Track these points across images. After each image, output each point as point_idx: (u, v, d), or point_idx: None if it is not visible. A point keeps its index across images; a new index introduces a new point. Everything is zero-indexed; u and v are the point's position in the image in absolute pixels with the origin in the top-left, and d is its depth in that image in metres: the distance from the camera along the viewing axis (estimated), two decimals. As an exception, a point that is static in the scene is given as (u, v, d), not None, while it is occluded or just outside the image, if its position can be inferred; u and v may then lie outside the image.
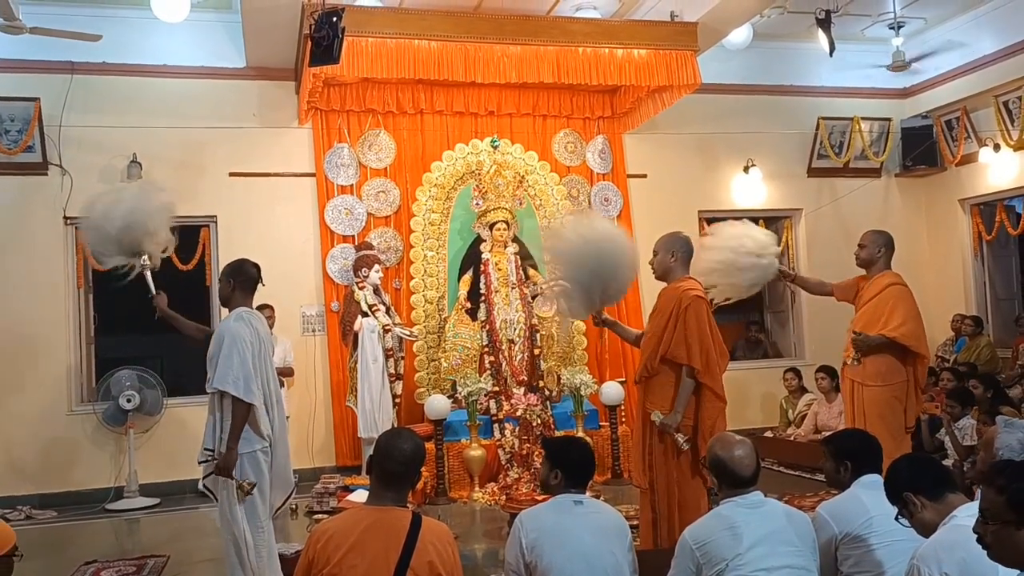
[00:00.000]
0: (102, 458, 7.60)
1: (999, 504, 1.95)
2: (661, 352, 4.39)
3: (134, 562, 5.43)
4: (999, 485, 1.98)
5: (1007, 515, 1.92)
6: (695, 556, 2.88)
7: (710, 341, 4.34)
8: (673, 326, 4.35)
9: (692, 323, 4.32)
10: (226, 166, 8.08)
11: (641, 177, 9.18)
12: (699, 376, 4.30)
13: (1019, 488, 1.93)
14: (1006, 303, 9.85)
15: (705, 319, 4.35)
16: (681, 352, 4.33)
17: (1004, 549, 1.97)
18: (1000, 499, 1.95)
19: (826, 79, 9.70)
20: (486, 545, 5.65)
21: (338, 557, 2.62)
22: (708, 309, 4.40)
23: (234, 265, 4.46)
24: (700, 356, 4.30)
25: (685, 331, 4.32)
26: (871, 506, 3.07)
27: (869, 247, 5.20)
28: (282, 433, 4.45)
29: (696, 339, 4.30)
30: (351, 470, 7.44)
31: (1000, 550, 1.98)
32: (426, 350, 7.81)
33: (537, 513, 3.19)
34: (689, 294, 4.38)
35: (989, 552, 2.01)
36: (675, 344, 4.35)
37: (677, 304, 4.38)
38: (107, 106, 7.76)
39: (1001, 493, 1.95)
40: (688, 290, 4.41)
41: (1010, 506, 1.93)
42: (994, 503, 1.97)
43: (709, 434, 4.26)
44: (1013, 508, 1.92)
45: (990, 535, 1.99)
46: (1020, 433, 2.82)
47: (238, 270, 4.39)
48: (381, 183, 8.34)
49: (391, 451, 2.76)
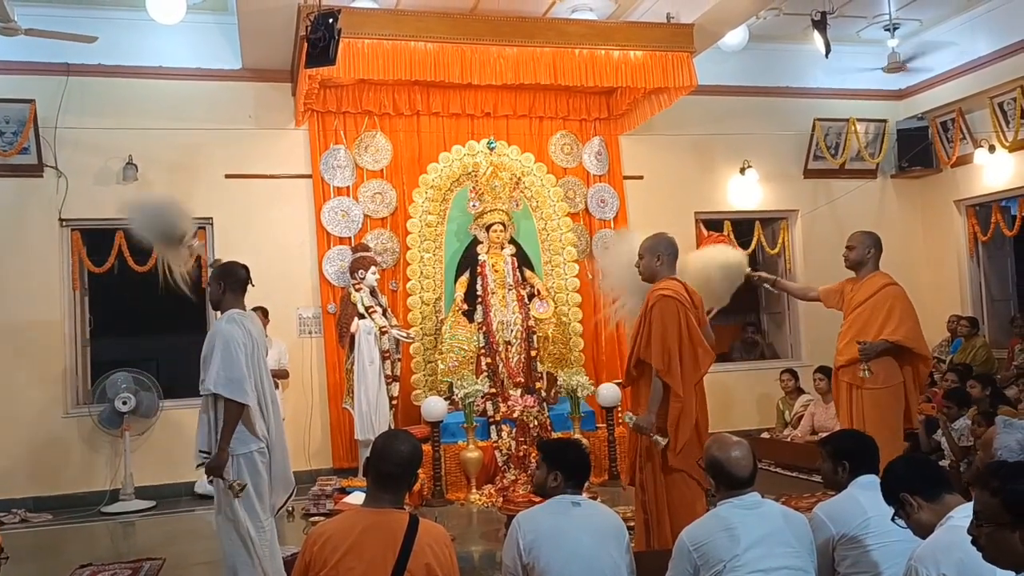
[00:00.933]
0: (98, 461, 7.58)
1: (993, 506, 1.93)
2: (636, 355, 4.41)
3: (129, 565, 5.42)
4: (993, 487, 1.96)
5: (1001, 517, 1.91)
6: (692, 557, 2.87)
7: (674, 340, 4.28)
8: (643, 327, 4.37)
9: (656, 322, 4.30)
10: (222, 168, 8.07)
11: (638, 179, 9.19)
12: (659, 375, 4.27)
13: (1013, 490, 1.92)
14: (1001, 304, 9.87)
15: (672, 318, 4.29)
16: (648, 352, 4.33)
17: (998, 551, 1.96)
18: (994, 501, 1.94)
19: (822, 80, 9.71)
20: (483, 547, 5.64)
21: (335, 559, 2.61)
22: (678, 308, 4.31)
23: (224, 268, 4.46)
24: (661, 355, 4.27)
25: (649, 331, 4.32)
26: (868, 507, 3.07)
27: (858, 248, 5.18)
28: (279, 434, 4.46)
29: (658, 338, 4.27)
30: (348, 472, 7.42)
31: (994, 552, 1.97)
32: (423, 352, 7.81)
33: (534, 515, 3.18)
34: (655, 293, 4.37)
35: (983, 554, 2.00)
36: (643, 345, 4.36)
37: (646, 305, 4.39)
38: (103, 108, 7.75)
39: (995, 495, 1.94)
40: (656, 290, 4.40)
41: (1004, 508, 1.92)
42: (988, 505, 1.95)
43: (673, 432, 4.26)
44: (1007, 510, 1.91)
45: (984, 537, 1.98)
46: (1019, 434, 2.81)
47: (227, 272, 4.39)
48: (378, 185, 8.33)
49: (388, 453, 2.76)
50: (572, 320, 8.16)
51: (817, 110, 9.67)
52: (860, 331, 5.03)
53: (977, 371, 7.70)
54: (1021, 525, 1.88)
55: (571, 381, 7.34)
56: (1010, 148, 8.82)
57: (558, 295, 8.16)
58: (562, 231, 8.24)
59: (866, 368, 4.89)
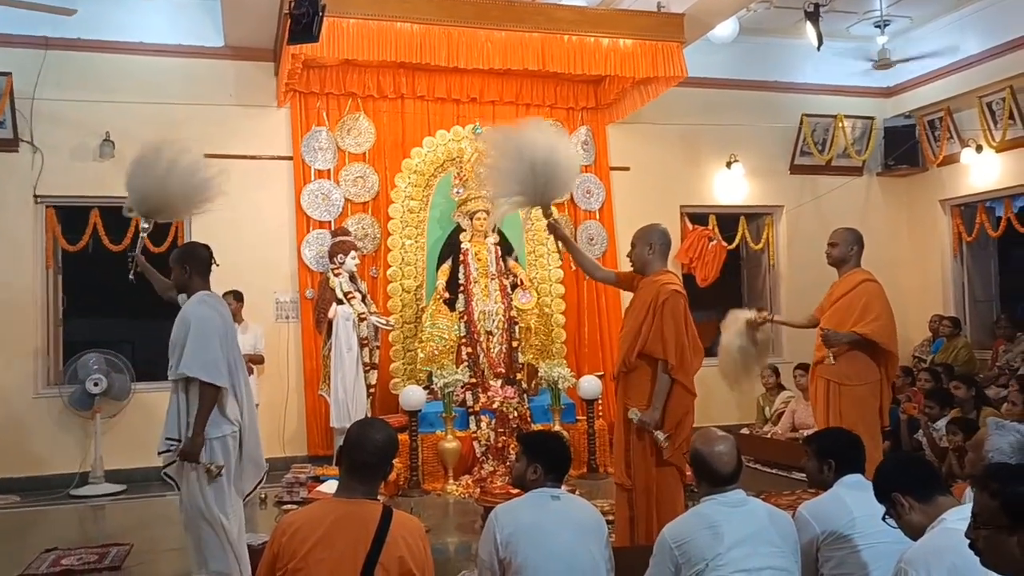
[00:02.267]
0: (68, 443, 7.43)
1: (992, 508, 1.89)
2: (639, 347, 4.34)
3: (96, 550, 5.29)
4: (992, 489, 1.92)
5: (999, 520, 1.87)
6: (674, 555, 2.80)
7: (685, 337, 4.30)
8: (651, 321, 4.31)
9: (668, 318, 4.28)
10: (201, 147, 7.82)
11: (624, 170, 9.11)
12: (672, 371, 4.26)
13: (1013, 492, 1.87)
14: (983, 304, 9.89)
15: (682, 314, 4.31)
16: (657, 347, 4.29)
17: (996, 555, 1.91)
18: (993, 503, 1.89)
19: (811, 76, 9.67)
20: (459, 539, 5.57)
21: (304, 551, 2.53)
22: (685, 304, 4.36)
23: (184, 250, 4.37)
24: (675, 351, 4.26)
25: (662, 326, 4.28)
26: (854, 506, 3.01)
27: (841, 245, 5.15)
28: (252, 418, 4.37)
29: (672, 334, 4.27)
30: (323, 460, 7.31)
31: (992, 556, 1.92)
32: (402, 340, 7.70)
33: (513, 508, 3.10)
34: (667, 288, 4.33)
35: (981, 558, 1.94)
36: (652, 339, 4.31)
37: (655, 298, 4.33)
38: (81, 83, 7.57)
39: (994, 497, 1.89)
40: (666, 284, 4.36)
41: (1003, 511, 1.87)
42: (986, 507, 1.91)
43: (675, 428, 4.25)
44: (1006, 513, 1.86)
45: (982, 540, 1.93)
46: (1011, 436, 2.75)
47: (190, 255, 4.29)
48: (359, 168, 8.20)
49: (363, 442, 2.67)
50: (555, 311, 8.08)
51: (805, 105, 9.63)
52: (836, 326, 5.02)
53: (959, 371, 7.70)
54: (1020, 529, 1.83)
55: (552, 373, 7.27)
56: (997, 148, 8.82)
57: (541, 286, 8.08)
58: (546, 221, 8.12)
59: (831, 355, 4.92)
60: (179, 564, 4.97)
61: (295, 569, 2.52)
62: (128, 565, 5.02)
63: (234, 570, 4.13)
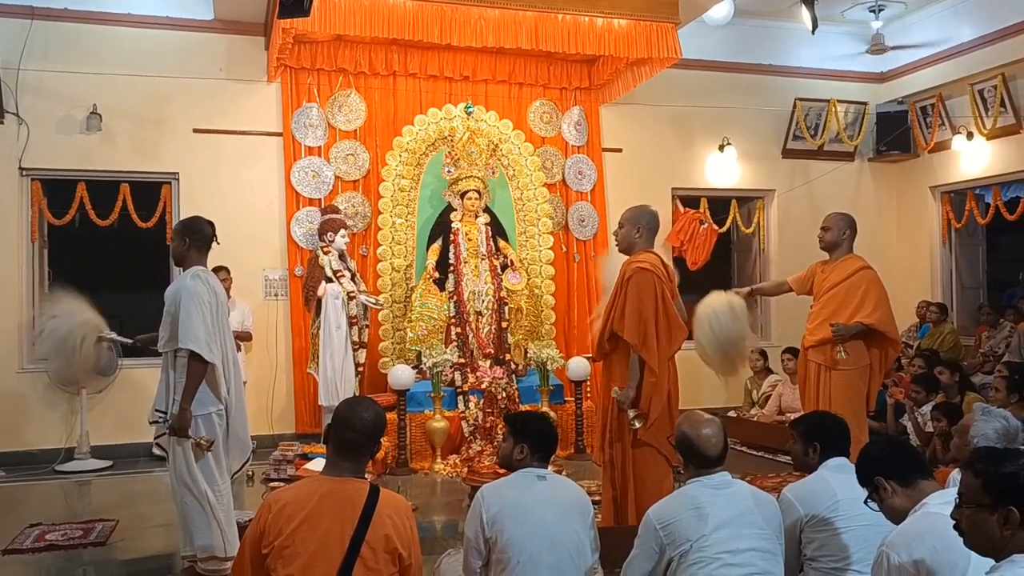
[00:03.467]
0: (53, 418, 7.39)
1: (975, 487, 1.93)
2: (608, 328, 4.33)
3: (81, 525, 5.28)
4: (977, 469, 1.96)
5: (982, 499, 1.91)
6: (659, 536, 2.81)
7: (650, 313, 4.24)
8: (618, 300, 4.30)
9: (631, 295, 4.25)
10: (190, 122, 7.82)
11: (616, 151, 9.07)
12: (635, 349, 4.23)
13: (995, 472, 1.91)
14: (971, 291, 9.94)
15: (649, 292, 4.25)
16: (620, 326, 4.26)
17: (977, 534, 1.94)
18: (976, 482, 1.93)
19: (805, 60, 9.64)
20: (446, 517, 5.58)
21: (290, 528, 2.53)
22: (655, 281, 4.28)
23: (188, 223, 4.33)
24: (637, 329, 4.22)
25: (624, 303, 4.26)
26: (838, 489, 3.04)
27: (834, 230, 5.14)
28: (239, 396, 4.36)
29: (634, 311, 4.22)
30: (311, 438, 7.31)
31: (974, 535, 1.96)
32: (391, 319, 7.68)
33: (499, 487, 3.11)
34: (632, 266, 4.31)
35: (965, 539, 1.97)
36: (616, 318, 4.29)
37: (622, 277, 4.31)
38: (68, 55, 7.47)
39: (978, 476, 1.94)
40: (632, 262, 4.34)
41: (985, 489, 1.91)
42: (970, 486, 1.95)
43: (646, 407, 4.24)
44: (988, 491, 1.90)
45: (965, 520, 1.97)
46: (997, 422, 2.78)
47: (193, 228, 4.26)
48: (350, 146, 8.14)
49: (350, 420, 2.66)
50: (545, 293, 8.08)
51: (798, 90, 9.60)
52: (833, 313, 5.01)
53: (944, 357, 7.75)
54: (1000, 508, 1.87)
55: (541, 354, 7.27)
56: (988, 136, 8.82)
57: (531, 267, 8.06)
58: (538, 202, 8.11)
59: (843, 350, 4.86)
60: (165, 540, 4.98)
61: (281, 546, 2.51)
62: (113, 540, 5.01)
63: (218, 546, 4.13)
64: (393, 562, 2.56)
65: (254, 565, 2.59)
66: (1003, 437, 3.06)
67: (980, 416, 2.85)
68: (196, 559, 4.19)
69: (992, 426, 2.86)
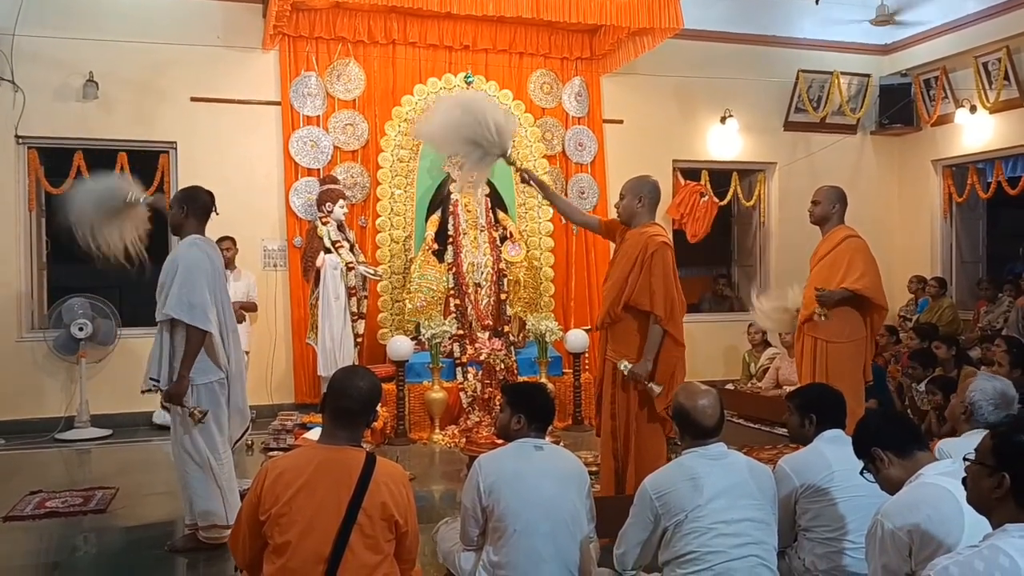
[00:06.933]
0: (53, 387, 7.41)
1: (987, 447, 1.96)
2: (625, 299, 4.34)
3: (81, 493, 5.30)
4: (995, 432, 1.99)
5: (988, 459, 1.93)
6: (654, 505, 2.83)
7: (674, 289, 4.31)
8: (638, 272, 4.30)
9: (658, 270, 4.27)
10: (188, 91, 7.75)
11: (617, 123, 9.01)
12: (662, 323, 4.27)
13: (1007, 437, 1.93)
14: (971, 266, 9.92)
15: (670, 266, 4.32)
16: (644, 299, 4.28)
17: (974, 489, 1.98)
18: (990, 443, 1.96)
19: (808, 31, 9.53)
20: (444, 487, 5.61)
21: (288, 496, 2.54)
22: (672, 256, 4.37)
23: (187, 192, 4.31)
24: (664, 303, 4.26)
25: (650, 278, 4.27)
26: (833, 460, 3.05)
27: (823, 203, 5.12)
28: (239, 366, 4.36)
29: (661, 286, 4.26)
30: (310, 408, 7.32)
31: (972, 490, 1.99)
32: (390, 290, 7.67)
33: (496, 457, 3.12)
34: (655, 240, 4.32)
35: (967, 492, 2.01)
36: (639, 291, 4.30)
37: (643, 250, 4.31)
38: (64, 21, 7.38)
39: (993, 438, 1.97)
40: (654, 236, 4.35)
41: (993, 451, 1.94)
42: (984, 445, 1.98)
43: (668, 380, 4.27)
44: (994, 453, 1.93)
45: (969, 474, 2.00)
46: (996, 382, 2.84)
47: (191, 197, 4.24)
48: (349, 115, 8.07)
49: (346, 389, 2.67)
50: (544, 264, 8.06)
51: (802, 61, 9.51)
52: (823, 283, 5.00)
53: (942, 331, 7.74)
54: (997, 473, 1.90)
55: (540, 326, 7.28)
56: (991, 109, 8.76)
57: (530, 239, 8.04)
58: (538, 173, 8.05)
59: (822, 313, 4.83)
60: (165, 508, 5.01)
61: (278, 514, 2.53)
62: (113, 508, 5.03)
63: (219, 512, 4.15)
64: (390, 529, 2.58)
65: (251, 532, 2.61)
66: (999, 397, 3.08)
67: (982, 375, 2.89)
68: (198, 527, 4.21)
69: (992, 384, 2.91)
